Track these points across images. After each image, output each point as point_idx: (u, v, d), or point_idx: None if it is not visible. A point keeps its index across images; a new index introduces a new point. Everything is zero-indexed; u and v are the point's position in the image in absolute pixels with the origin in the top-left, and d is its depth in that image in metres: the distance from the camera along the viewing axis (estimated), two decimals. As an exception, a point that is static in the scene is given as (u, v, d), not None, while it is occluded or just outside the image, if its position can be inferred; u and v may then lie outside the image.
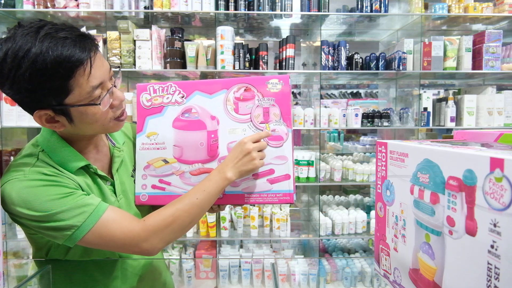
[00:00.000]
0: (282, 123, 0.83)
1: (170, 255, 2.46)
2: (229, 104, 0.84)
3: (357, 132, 4.15)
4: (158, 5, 2.29)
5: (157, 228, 0.73)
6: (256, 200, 0.84)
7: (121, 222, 0.72)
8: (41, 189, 0.69)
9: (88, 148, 0.81)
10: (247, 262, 2.28)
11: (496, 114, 2.43)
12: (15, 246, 2.40)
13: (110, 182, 0.83)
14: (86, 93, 0.68)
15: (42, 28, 0.65)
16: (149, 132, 0.86)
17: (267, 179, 0.83)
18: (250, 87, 0.84)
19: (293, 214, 2.81)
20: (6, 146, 2.40)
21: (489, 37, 2.41)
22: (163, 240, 0.74)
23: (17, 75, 0.63)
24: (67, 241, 0.69)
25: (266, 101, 0.83)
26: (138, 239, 0.72)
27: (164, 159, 0.85)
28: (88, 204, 0.70)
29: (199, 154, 0.84)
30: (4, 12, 2.29)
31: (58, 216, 0.68)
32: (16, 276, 1.20)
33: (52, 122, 0.71)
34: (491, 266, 0.37)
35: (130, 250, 0.74)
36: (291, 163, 0.83)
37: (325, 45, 2.40)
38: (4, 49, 0.64)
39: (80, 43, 0.66)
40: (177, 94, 0.86)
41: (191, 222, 0.77)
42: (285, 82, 0.83)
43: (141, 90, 0.87)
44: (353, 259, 2.37)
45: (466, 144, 0.53)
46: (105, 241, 0.71)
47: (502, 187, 0.35)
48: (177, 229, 0.75)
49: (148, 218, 0.74)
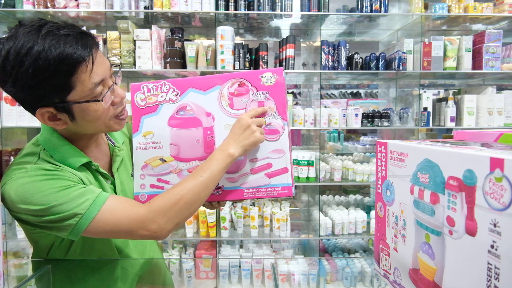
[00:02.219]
0: (277, 117, 0.83)
1: (170, 255, 2.46)
2: (224, 99, 0.84)
3: (357, 132, 4.15)
4: (158, 5, 2.29)
5: (163, 208, 0.72)
6: (255, 194, 0.83)
7: (125, 206, 0.72)
8: (42, 183, 0.69)
9: (88, 147, 0.81)
10: (247, 262, 2.28)
11: (496, 114, 2.43)
12: (15, 246, 2.40)
13: (111, 181, 0.83)
14: (88, 89, 0.69)
15: (44, 27, 0.66)
16: (145, 132, 0.85)
17: (265, 173, 0.83)
18: (244, 82, 0.84)
19: (293, 214, 2.81)
20: (6, 146, 2.40)
21: (489, 37, 2.41)
22: (171, 220, 0.73)
23: (20, 72, 0.63)
24: (71, 233, 0.69)
25: (261, 95, 0.83)
26: (145, 220, 0.71)
27: (161, 158, 0.85)
28: (91, 192, 0.71)
29: (196, 151, 0.84)
30: (4, 12, 2.29)
31: (59, 208, 0.68)
32: (16, 276, 1.20)
33: (54, 120, 0.71)
34: (491, 266, 0.37)
35: (138, 234, 0.72)
36: (288, 156, 0.83)
37: (325, 45, 2.40)
38: (6, 47, 0.64)
39: (82, 40, 0.67)
40: (171, 92, 0.85)
41: (197, 201, 0.76)
42: (279, 74, 0.83)
43: (135, 89, 0.86)
44: (353, 259, 2.37)
45: (466, 144, 0.53)
46: (111, 226, 0.71)
47: (502, 187, 0.35)
48: (184, 208, 0.74)
49: (154, 200, 0.74)
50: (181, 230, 2.50)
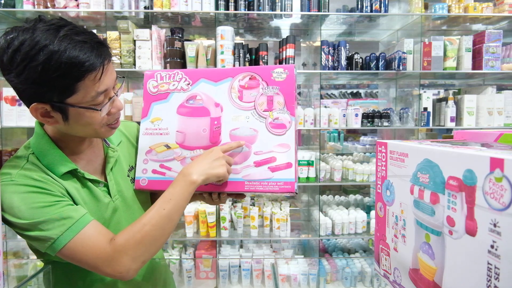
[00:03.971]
0: (285, 112, 0.83)
1: (170, 255, 2.46)
2: (234, 91, 0.85)
3: (357, 132, 4.15)
4: (158, 5, 2.29)
5: (127, 248, 0.69)
6: (257, 188, 0.82)
7: (95, 241, 0.69)
8: (25, 196, 0.69)
9: (81, 149, 0.81)
10: (247, 262, 2.28)
11: (496, 114, 2.43)
12: (15, 246, 2.40)
13: (103, 184, 0.82)
14: (90, 97, 0.69)
15: (63, 28, 0.66)
16: (153, 118, 0.87)
17: (268, 166, 0.82)
18: (255, 76, 0.85)
19: (293, 214, 2.81)
20: (6, 146, 2.40)
21: (489, 37, 2.41)
22: (137, 259, 0.70)
23: (29, 66, 0.63)
24: (48, 251, 0.69)
25: (271, 90, 0.84)
26: (111, 260, 0.68)
27: (167, 144, 0.86)
28: (69, 217, 0.69)
29: (202, 140, 0.85)
30: (4, 12, 2.29)
31: (39, 226, 0.67)
32: (16, 276, 1.20)
33: (47, 117, 0.71)
34: (491, 266, 0.37)
35: (104, 272, 0.69)
36: (293, 151, 0.81)
37: (325, 45, 2.40)
38: (20, 38, 0.64)
39: (97, 50, 0.68)
40: (183, 81, 0.87)
41: (162, 236, 0.72)
42: (290, 71, 0.84)
43: (148, 77, 0.89)
44: (353, 259, 2.36)
45: (466, 144, 0.53)
46: (78, 259, 0.69)
47: (502, 187, 0.35)
48: (149, 245, 0.70)
49: (117, 237, 0.70)
50: (181, 230, 2.50)
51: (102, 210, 0.80)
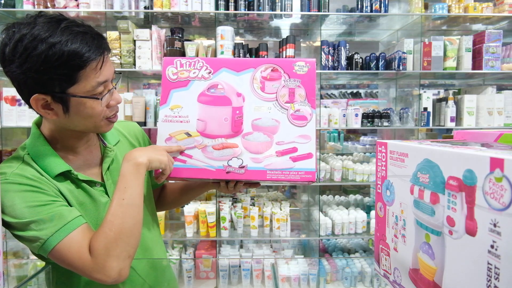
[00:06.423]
0: (307, 104, 0.85)
1: (170, 255, 2.46)
2: (256, 82, 0.86)
3: (357, 132, 4.15)
4: (158, 5, 2.29)
5: (106, 249, 0.68)
6: (278, 176, 0.83)
7: (80, 247, 0.68)
8: (19, 195, 0.69)
9: (77, 148, 0.81)
10: (247, 262, 2.28)
11: (496, 114, 2.43)
12: (15, 246, 2.40)
13: (100, 184, 0.82)
14: (91, 86, 0.70)
15: (63, 21, 0.68)
16: (173, 105, 0.87)
17: (290, 156, 0.83)
18: (277, 68, 0.86)
19: (293, 214, 2.81)
20: (6, 146, 2.40)
21: (489, 37, 2.41)
22: (120, 257, 0.69)
23: (32, 55, 0.64)
24: (40, 252, 0.69)
25: (292, 82, 0.85)
26: (97, 267, 0.67)
27: (187, 132, 0.86)
28: (61, 218, 0.69)
29: (223, 129, 0.85)
30: (4, 12, 2.29)
31: (31, 225, 0.67)
32: (16, 276, 1.20)
33: (47, 109, 0.71)
34: (491, 266, 0.37)
35: (95, 278, 0.68)
36: (314, 143, 0.84)
37: (325, 45, 2.40)
38: (22, 31, 0.66)
39: (97, 41, 0.70)
40: (204, 69, 0.87)
41: (134, 224, 0.72)
42: (312, 65, 0.85)
43: (168, 63, 0.88)
44: (353, 259, 2.36)
45: (466, 144, 0.53)
46: (67, 263, 0.68)
47: (502, 187, 0.35)
48: (126, 238, 0.69)
49: (93, 244, 0.69)
50: (181, 230, 2.50)
51: (100, 210, 0.80)
